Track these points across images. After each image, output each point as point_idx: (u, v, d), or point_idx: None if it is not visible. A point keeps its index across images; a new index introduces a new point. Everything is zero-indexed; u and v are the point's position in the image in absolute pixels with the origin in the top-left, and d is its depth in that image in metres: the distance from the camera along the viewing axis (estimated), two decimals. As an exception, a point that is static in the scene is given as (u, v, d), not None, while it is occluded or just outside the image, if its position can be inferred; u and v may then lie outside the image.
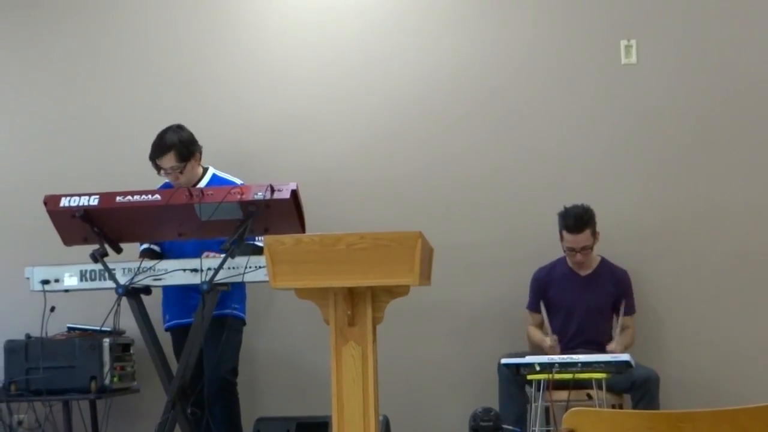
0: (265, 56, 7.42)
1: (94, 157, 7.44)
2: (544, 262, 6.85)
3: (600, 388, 5.85)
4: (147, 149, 6.47)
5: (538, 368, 5.82)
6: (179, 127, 6.51)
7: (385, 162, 7.27)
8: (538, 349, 6.66)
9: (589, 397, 6.00)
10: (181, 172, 6.42)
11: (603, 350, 6.46)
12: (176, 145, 6.40)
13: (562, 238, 6.69)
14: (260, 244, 6.28)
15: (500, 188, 7.16)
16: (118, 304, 5.89)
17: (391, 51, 7.33)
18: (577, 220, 6.61)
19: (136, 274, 5.93)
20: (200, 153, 6.55)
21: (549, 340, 6.57)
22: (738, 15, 7.07)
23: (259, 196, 5.74)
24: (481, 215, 7.16)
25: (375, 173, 7.26)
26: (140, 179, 6.63)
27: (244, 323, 6.70)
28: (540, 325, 6.78)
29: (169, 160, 6.41)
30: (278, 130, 7.35)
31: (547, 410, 6.16)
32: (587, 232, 6.63)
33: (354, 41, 7.36)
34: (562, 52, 7.19)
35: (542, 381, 5.84)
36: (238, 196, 5.77)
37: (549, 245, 6.77)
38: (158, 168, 6.44)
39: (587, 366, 5.77)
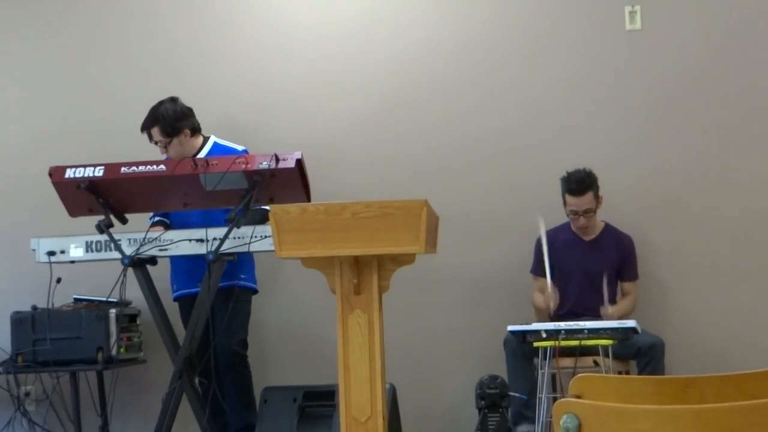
0: (271, 23, 7.40)
1: (98, 128, 7.44)
2: (549, 228, 6.84)
3: (606, 354, 5.85)
4: (149, 120, 6.50)
5: (544, 335, 5.83)
6: (172, 100, 6.52)
7: (391, 130, 7.26)
8: (542, 314, 6.67)
9: (596, 363, 6.01)
10: (165, 147, 6.45)
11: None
12: (160, 121, 6.44)
13: (565, 202, 6.69)
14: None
15: (505, 156, 7.15)
16: (124, 275, 5.90)
17: (394, 17, 7.30)
18: (579, 183, 6.61)
19: (141, 245, 5.94)
20: (193, 128, 6.53)
21: (548, 290, 6.56)
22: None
23: (264, 165, 5.73)
24: (487, 183, 7.15)
25: (380, 142, 7.26)
26: (145, 150, 6.62)
27: (253, 293, 6.71)
28: (543, 290, 6.79)
29: (155, 134, 6.47)
30: (282, 97, 7.34)
31: (553, 377, 6.17)
32: (589, 195, 6.63)
33: (359, 8, 7.33)
34: (566, 17, 7.16)
35: (549, 348, 5.84)
36: (243, 166, 5.76)
37: (555, 212, 6.75)
38: (150, 138, 6.49)
39: (593, 332, 5.78)
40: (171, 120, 6.44)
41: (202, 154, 6.42)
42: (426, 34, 7.27)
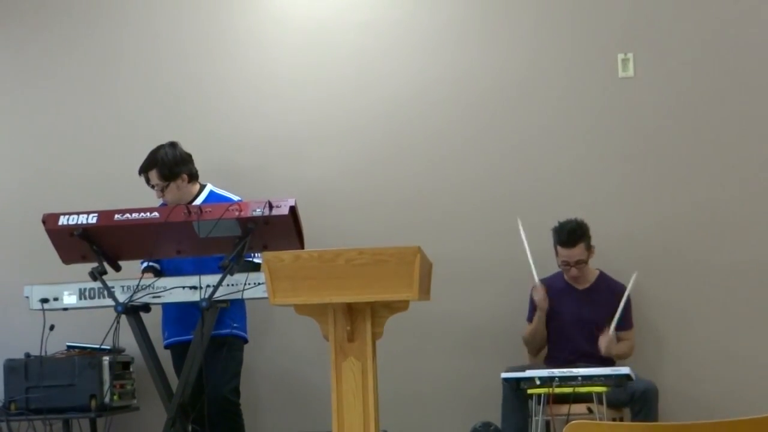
0: (265, 68, 7.42)
1: (92, 175, 7.44)
2: (544, 275, 6.84)
3: (600, 401, 5.84)
4: (145, 166, 6.50)
5: (538, 382, 5.82)
6: (172, 145, 6.54)
7: (384, 177, 7.27)
8: (537, 337, 6.71)
9: (590, 410, 5.99)
10: (162, 191, 6.46)
11: (601, 363, 6.45)
12: (158, 164, 6.44)
13: (557, 252, 6.69)
14: (258, 260, 6.28)
15: (498, 201, 7.15)
16: (118, 322, 5.89)
17: (389, 66, 7.33)
18: (571, 234, 6.61)
19: (135, 292, 5.94)
20: (191, 174, 6.55)
21: (536, 285, 6.63)
22: (734, 28, 7.08)
23: (258, 212, 5.74)
24: (480, 229, 7.15)
25: (374, 188, 7.26)
26: (139, 197, 6.63)
27: (245, 342, 6.69)
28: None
29: (153, 177, 6.47)
30: (275, 144, 7.35)
31: (547, 424, 6.15)
32: (581, 246, 6.63)
33: (351, 55, 7.36)
34: (559, 65, 7.19)
35: (543, 395, 5.83)
36: (237, 213, 5.77)
37: (548, 259, 6.75)
38: (147, 181, 6.50)
39: (587, 379, 5.76)
40: (169, 164, 6.46)
41: (197, 202, 6.43)
42: (417, 80, 7.29)
